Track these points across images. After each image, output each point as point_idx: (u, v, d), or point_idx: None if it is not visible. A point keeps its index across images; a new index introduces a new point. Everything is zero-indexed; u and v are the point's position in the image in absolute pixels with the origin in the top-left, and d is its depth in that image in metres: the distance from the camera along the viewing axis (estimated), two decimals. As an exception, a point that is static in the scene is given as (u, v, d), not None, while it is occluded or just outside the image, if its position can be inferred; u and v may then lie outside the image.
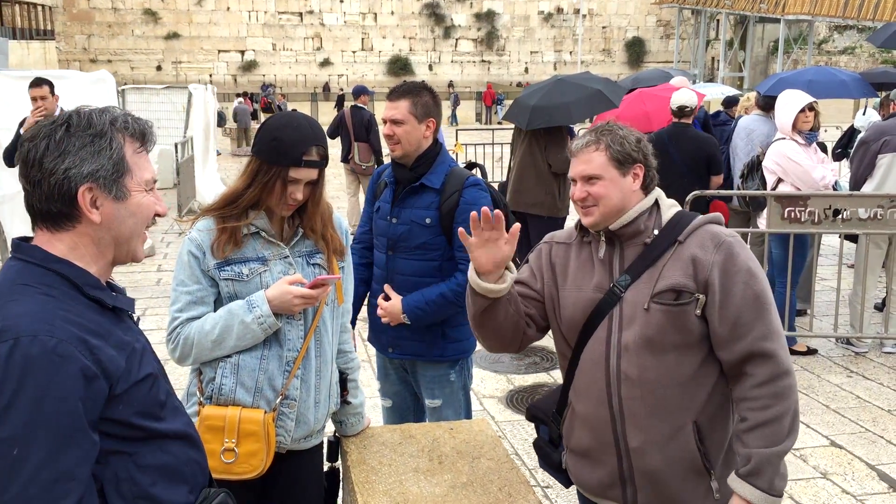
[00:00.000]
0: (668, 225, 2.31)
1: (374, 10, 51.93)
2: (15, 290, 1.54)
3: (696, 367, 2.24)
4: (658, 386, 2.23)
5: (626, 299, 2.27)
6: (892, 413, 5.24)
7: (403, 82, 3.34)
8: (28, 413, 1.43)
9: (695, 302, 2.20)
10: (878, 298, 6.99)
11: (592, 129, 2.39)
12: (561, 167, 7.18)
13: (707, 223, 2.31)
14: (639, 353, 2.23)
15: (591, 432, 2.32)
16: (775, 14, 42.60)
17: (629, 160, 2.32)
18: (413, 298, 3.25)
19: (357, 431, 2.87)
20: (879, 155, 6.14)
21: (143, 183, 1.66)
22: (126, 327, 1.67)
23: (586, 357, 2.34)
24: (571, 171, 2.39)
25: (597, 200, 2.30)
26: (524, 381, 5.85)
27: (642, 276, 2.27)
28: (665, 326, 2.21)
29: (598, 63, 51.98)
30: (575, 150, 2.38)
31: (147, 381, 1.64)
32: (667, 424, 2.24)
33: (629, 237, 2.33)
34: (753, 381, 2.18)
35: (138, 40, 49.57)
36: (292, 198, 2.47)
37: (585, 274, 2.37)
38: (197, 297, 2.50)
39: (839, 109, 20.54)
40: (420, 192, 3.25)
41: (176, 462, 1.69)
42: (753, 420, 2.16)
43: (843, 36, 47.72)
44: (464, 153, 14.32)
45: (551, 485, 4.31)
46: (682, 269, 2.22)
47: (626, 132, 2.36)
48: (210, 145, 15.33)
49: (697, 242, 2.25)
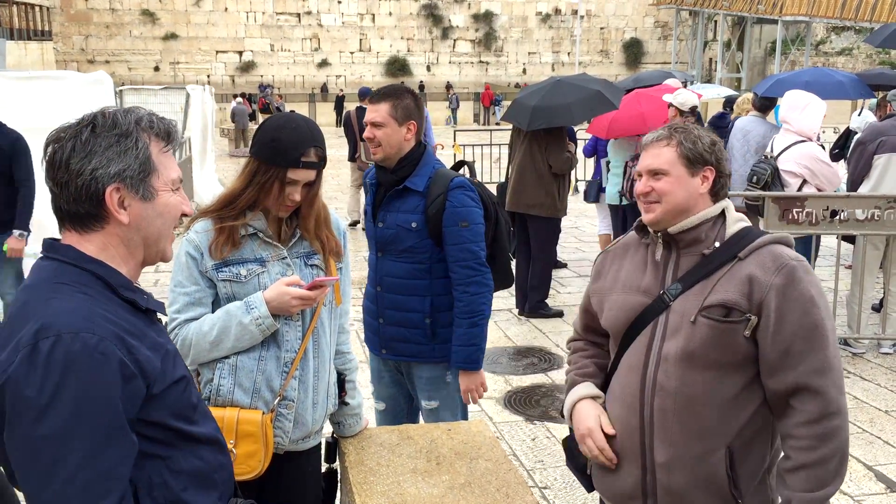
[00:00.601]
0: (732, 239, 2.21)
1: (373, 10, 51.92)
2: (53, 288, 1.54)
3: (738, 389, 2.15)
4: (694, 402, 2.14)
5: (674, 309, 2.19)
6: (889, 414, 5.25)
7: (385, 86, 3.35)
8: (69, 411, 1.42)
9: (745, 322, 2.10)
10: (876, 299, 6.99)
11: (667, 126, 2.32)
12: (561, 168, 7.19)
13: (773, 243, 2.19)
14: (678, 365, 2.15)
15: (620, 438, 2.27)
16: (773, 15, 42.62)
17: (700, 160, 2.23)
18: (459, 354, 3.27)
19: (355, 432, 2.87)
20: (875, 156, 6.15)
21: (170, 182, 1.66)
22: (158, 329, 1.68)
23: (624, 363, 2.29)
24: (639, 165, 2.30)
25: (660, 197, 2.22)
26: (522, 383, 5.85)
27: (694, 288, 2.18)
28: (709, 342, 2.12)
29: (595, 64, 52.00)
30: (645, 143, 2.30)
31: (181, 383, 1.64)
32: (698, 444, 2.15)
33: (687, 244, 2.24)
34: (800, 418, 2.08)
35: (136, 41, 49.52)
36: (290, 199, 2.47)
37: (636, 276, 2.30)
38: (195, 298, 2.50)
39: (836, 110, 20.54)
40: (404, 195, 3.25)
41: (207, 468, 1.69)
42: (797, 461, 2.07)
43: (840, 37, 47.80)
44: (462, 154, 14.33)
45: (549, 485, 4.31)
46: (737, 287, 2.12)
47: (702, 132, 2.28)
48: (208, 146, 15.32)
49: (758, 262, 2.14)
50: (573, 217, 11.55)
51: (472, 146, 15.55)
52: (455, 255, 3.20)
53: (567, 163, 7.24)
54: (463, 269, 3.20)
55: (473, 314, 3.23)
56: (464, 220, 3.18)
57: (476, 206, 3.24)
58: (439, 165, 3.33)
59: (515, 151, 7.38)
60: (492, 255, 3.39)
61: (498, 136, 15.66)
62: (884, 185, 6.11)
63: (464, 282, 3.21)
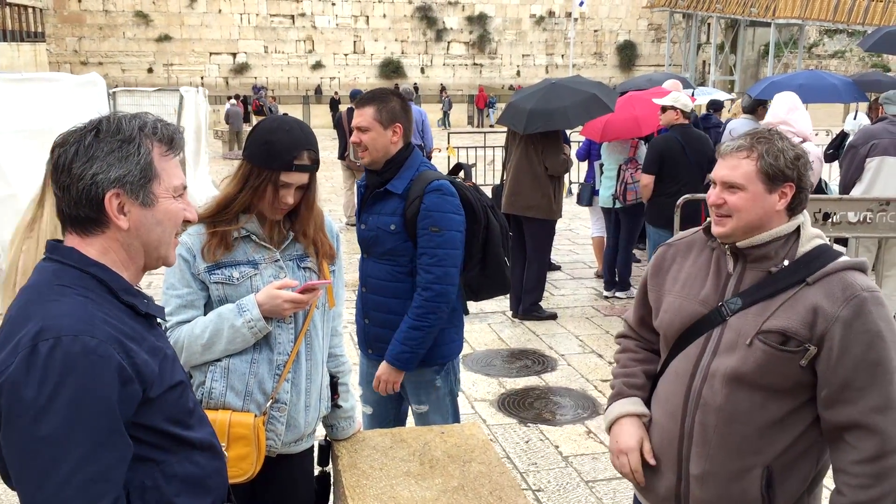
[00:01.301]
0: (802, 259, 2.10)
1: (366, 12, 51.88)
2: (54, 290, 1.55)
3: (785, 412, 2.09)
4: (736, 420, 2.09)
5: (731, 324, 2.11)
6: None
7: (371, 89, 3.35)
8: (67, 412, 1.43)
9: (803, 352, 2.02)
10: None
11: (750, 134, 2.16)
12: (557, 170, 7.20)
13: (846, 269, 2.07)
14: (725, 383, 2.09)
15: (659, 442, 2.25)
16: (766, 18, 42.76)
17: (780, 177, 2.09)
18: (392, 349, 3.25)
19: (348, 435, 2.87)
20: (867, 158, 6.16)
21: (172, 189, 1.65)
22: (158, 334, 1.68)
23: (672, 369, 2.25)
24: (714, 173, 2.18)
25: (732, 211, 2.11)
26: (515, 385, 5.85)
27: (754, 307, 2.09)
28: (763, 367, 2.05)
29: (589, 66, 52.06)
30: (724, 151, 2.16)
31: (178, 387, 1.64)
32: (734, 462, 2.10)
33: (755, 259, 2.14)
34: (856, 455, 2.01)
35: (129, 42, 49.39)
36: (283, 202, 2.47)
37: (697, 282, 2.23)
38: (187, 300, 2.50)
39: (829, 113, 20.61)
40: (385, 197, 3.25)
41: (202, 473, 1.69)
42: (851, 498, 2.01)
43: (833, 40, 47.92)
44: (456, 156, 14.33)
45: (542, 488, 4.31)
46: (800, 316, 2.03)
47: (786, 145, 2.12)
48: (201, 148, 15.30)
49: (826, 290, 2.03)
50: (567, 219, 11.56)
51: (466, 148, 15.56)
52: (422, 258, 3.19)
53: (563, 165, 7.25)
54: (425, 272, 3.19)
55: (421, 318, 3.20)
56: (435, 224, 3.15)
57: (453, 212, 3.20)
58: (425, 168, 3.30)
59: (511, 154, 7.38)
60: (483, 260, 3.37)
61: (492, 138, 15.68)
62: (876, 187, 6.13)
63: (423, 284, 3.19)
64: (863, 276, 2.09)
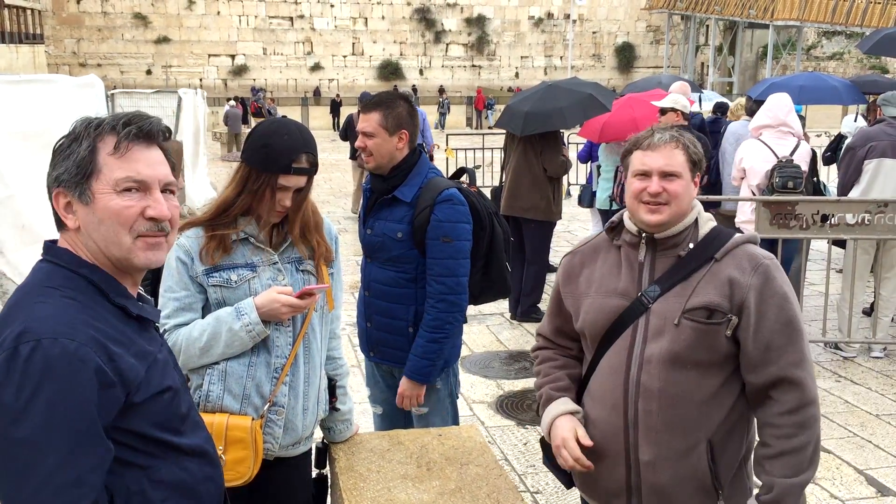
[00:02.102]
0: (705, 240, 2.26)
1: (365, 14, 51.84)
2: (41, 292, 1.55)
3: (718, 386, 2.21)
4: (677, 402, 2.19)
5: (655, 311, 2.22)
6: (879, 417, 5.27)
7: (378, 93, 3.33)
8: (44, 416, 1.43)
9: (727, 323, 2.17)
10: (867, 303, 7.02)
11: (663, 128, 2.31)
12: (557, 171, 7.22)
13: (744, 242, 2.26)
14: (662, 366, 2.19)
15: (601, 440, 2.29)
16: (764, 20, 42.78)
17: (699, 165, 2.29)
18: (412, 364, 3.24)
19: (345, 438, 2.87)
20: (865, 161, 6.17)
21: (113, 183, 1.56)
22: (150, 337, 1.66)
23: (605, 365, 2.30)
24: (644, 164, 2.26)
25: (670, 199, 2.23)
26: (514, 387, 5.85)
27: (673, 290, 2.22)
28: (693, 343, 2.17)
29: (588, 68, 52.06)
30: (656, 142, 2.26)
31: (168, 392, 1.63)
32: (681, 441, 2.20)
33: (666, 247, 2.27)
34: (780, 407, 2.16)
35: (128, 44, 49.32)
36: (281, 205, 2.47)
37: (612, 279, 2.32)
38: (185, 303, 2.49)
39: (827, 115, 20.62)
40: (393, 204, 3.23)
41: (192, 480, 1.67)
42: (777, 448, 2.15)
43: (831, 41, 47.94)
44: (455, 157, 14.33)
45: (541, 490, 4.31)
46: (718, 289, 2.18)
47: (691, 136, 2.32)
48: (200, 150, 15.30)
49: (734, 263, 2.21)
50: (566, 221, 11.55)
51: (465, 150, 15.55)
52: (433, 268, 3.19)
53: (562, 166, 7.26)
54: (437, 283, 3.19)
55: (437, 330, 3.21)
56: (447, 235, 3.15)
57: (463, 222, 3.20)
58: (433, 174, 3.29)
59: (510, 156, 7.39)
60: (486, 265, 3.37)
61: (490, 140, 15.67)
62: (874, 189, 6.14)
63: (436, 296, 3.19)
64: (759, 248, 2.29)
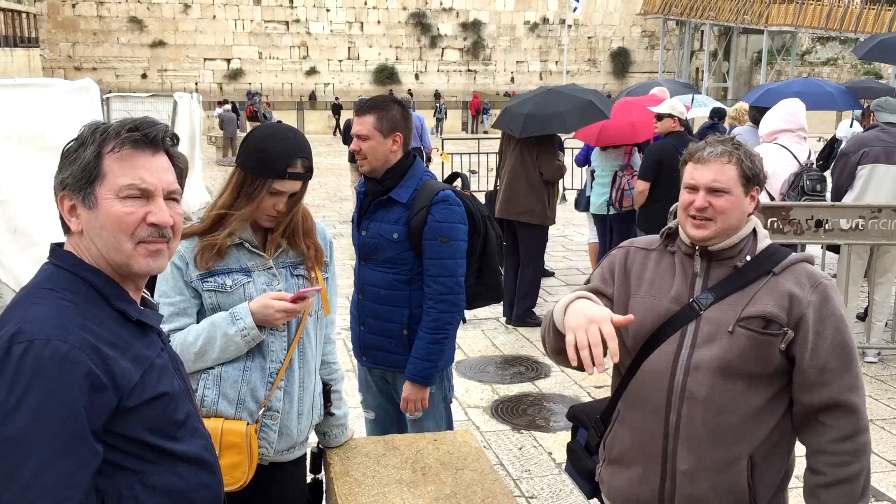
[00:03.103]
0: (763, 254, 2.23)
1: (361, 18, 51.90)
2: (39, 293, 1.56)
3: (766, 400, 2.16)
4: (723, 411, 2.14)
5: (707, 317, 2.17)
6: (874, 423, 5.27)
7: (372, 97, 3.33)
8: (32, 416, 1.43)
9: (782, 336, 2.12)
10: (860, 308, 7.04)
11: (722, 140, 2.25)
12: (552, 175, 7.22)
13: (803, 261, 2.23)
14: (711, 374, 2.14)
15: (638, 444, 2.24)
16: (759, 25, 42.96)
17: (755, 180, 2.22)
18: (413, 367, 3.24)
19: (341, 443, 2.87)
20: (859, 166, 6.19)
21: (116, 189, 1.57)
22: (149, 342, 1.65)
23: (648, 368, 2.24)
24: (693, 178, 2.22)
25: (716, 215, 2.18)
26: (509, 392, 5.85)
27: (728, 298, 2.17)
28: (747, 352, 2.12)
29: (583, 73, 52.19)
30: (706, 156, 2.21)
31: (164, 398, 1.62)
32: (723, 453, 2.15)
33: (722, 258, 2.23)
34: (834, 434, 2.11)
35: (123, 48, 49.29)
36: (276, 209, 2.47)
37: (664, 283, 2.27)
38: (179, 308, 2.49)
39: (822, 120, 20.73)
40: (388, 205, 3.24)
41: (186, 487, 1.66)
42: (832, 476, 2.10)
43: (825, 47, 48.14)
44: (450, 162, 14.34)
45: (536, 495, 4.31)
46: (777, 301, 2.14)
47: (753, 150, 2.26)
48: (195, 154, 15.27)
49: (794, 278, 2.17)
50: (561, 226, 11.57)
51: (460, 154, 15.57)
52: (431, 269, 3.19)
53: (558, 170, 7.27)
54: (436, 284, 3.19)
55: (438, 331, 3.21)
56: (444, 235, 3.16)
57: (459, 223, 3.22)
58: (428, 177, 3.30)
59: (506, 159, 7.40)
60: (480, 269, 3.38)
61: (485, 144, 15.69)
62: (867, 195, 6.15)
63: (435, 297, 3.20)
64: (818, 268, 2.26)
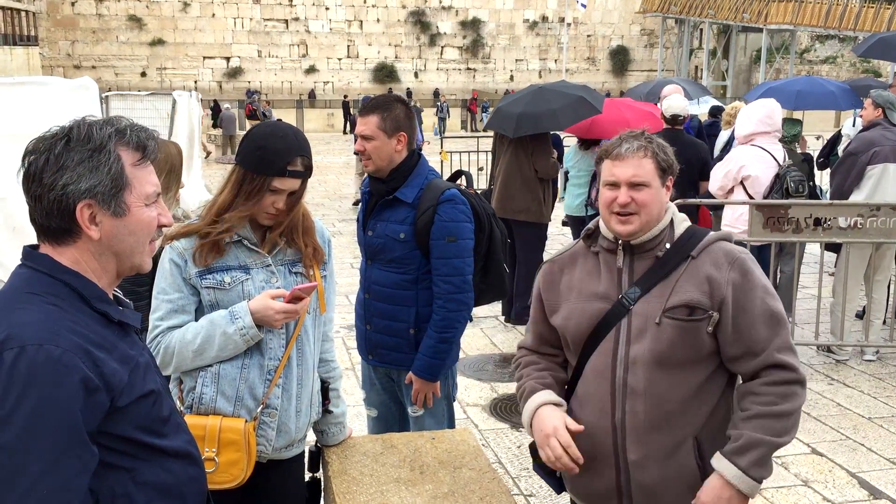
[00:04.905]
0: (681, 239, 2.27)
1: (360, 17, 51.85)
2: (23, 298, 1.54)
3: (701, 382, 2.23)
4: (663, 401, 2.20)
5: (636, 312, 2.23)
6: (872, 421, 5.28)
7: (375, 96, 3.32)
8: (29, 422, 1.42)
9: (708, 319, 2.18)
10: (859, 307, 7.04)
11: (632, 135, 2.30)
12: (548, 172, 7.22)
13: (719, 240, 2.28)
14: (647, 367, 2.20)
15: (590, 443, 2.28)
16: (758, 24, 42.94)
17: (669, 171, 2.28)
18: (421, 363, 3.26)
19: (339, 441, 2.87)
20: (869, 166, 6.11)
21: (144, 197, 1.62)
22: (131, 341, 1.66)
23: (590, 368, 2.30)
24: (613, 175, 2.26)
25: (639, 209, 2.23)
26: (508, 390, 5.84)
27: (653, 290, 2.23)
28: (676, 342, 2.18)
29: (582, 71, 52.17)
30: (624, 153, 2.25)
31: (150, 396, 1.63)
32: (668, 439, 2.21)
33: (644, 250, 2.28)
34: (765, 379, 2.18)
35: (123, 46, 49.25)
36: (274, 207, 2.47)
37: (591, 284, 2.32)
38: (178, 305, 2.49)
39: (821, 118, 20.73)
40: (394, 205, 3.24)
41: (175, 481, 1.68)
42: (755, 411, 2.15)
43: (824, 45, 48.14)
44: (449, 160, 14.33)
45: (534, 493, 4.31)
46: (697, 286, 2.19)
47: (662, 140, 2.32)
48: (194, 152, 15.26)
49: (711, 260, 2.22)
50: (560, 224, 11.55)
51: (459, 153, 15.55)
52: (439, 268, 3.20)
53: (553, 168, 7.27)
54: (445, 283, 3.20)
55: (446, 330, 3.23)
56: (451, 234, 3.17)
57: (466, 221, 3.22)
58: (433, 176, 3.30)
59: (500, 158, 7.39)
60: (485, 267, 3.39)
61: (485, 143, 15.67)
62: (876, 195, 6.09)
63: (443, 296, 3.21)
64: (733, 244, 2.30)
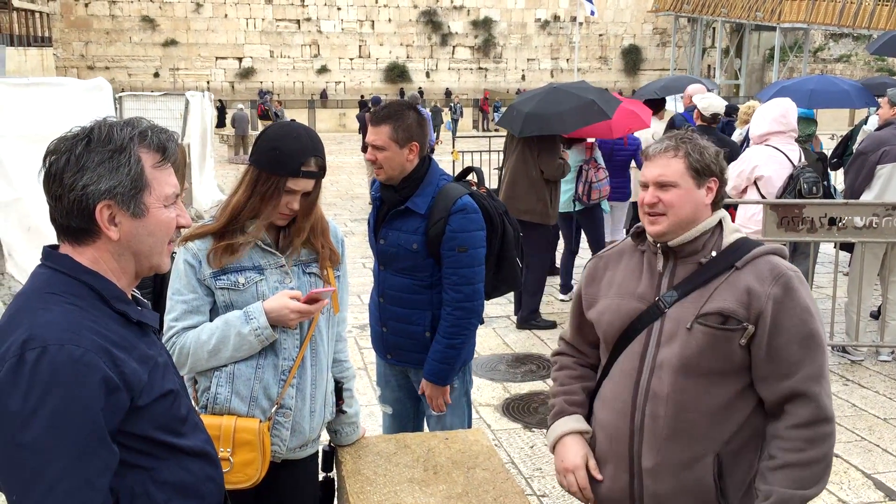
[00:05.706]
0: (729, 249, 2.22)
1: (372, 17, 51.92)
2: (43, 298, 1.55)
3: (730, 397, 2.17)
4: (686, 409, 2.15)
5: (670, 316, 2.20)
6: (888, 421, 5.24)
7: (387, 104, 3.29)
8: (51, 422, 1.44)
9: (741, 331, 2.12)
10: (874, 307, 6.99)
11: (672, 135, 2.29)
12: (553, 174, 7.16)
13: (768, 253, 2.21)
14: (674, 371, 2.16)
15: (608, 443, 2.28)
16: (771, 22, 42.74)
17: (707, 172, 2.23)
18: (431, 368, 3.27)
19: (352, 441, 2.87)
20: (878, 166, 6.10)
21: (164, 198, 1.63)
22: (150, 341, 1.67)
23: (617, 369, 2.29)
24: (644, 175, 2.27)
25: (667, 209, 2.21)
26: (520, 390, 5.84)
27: (690, 295, 2.19)
28: (706, 349, 2.13)
29: (594, 70, 52.06)
30: (652, 153, 2.27)
31: (169, 396, 1.64)
32: (686, 451, 2.16)
33: (686, 254, 2.24)
34: (791, 421, 2.11)
35: (136, 47, 49.50)
36: (288, 208, 2.47)
37: (631, 282, 2.30)
38: (193, 306, 2.50)
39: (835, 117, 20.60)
40: (406, 215, 3.23)
41: (194, 480, 1.69)
42: (783, 460, 2.09)
43: (838, 44, 47.84)
44: (461, 160, 14.32)
45: (547, 493, 4.30)
46: (735, 296, 2.14)
47: (707, 143, 2.28)
48: (207, 152, 15.34)
49: (755, 272, 2.16)
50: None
51: (471, 152, 15.55)
52: (450, 277, 3.20)
53: (559, 169, 7.21)
54: (455, 292, 3.21)
55: (455, 336, 3.23)
56: (462, 245, 3.17)
57: (477, 229, 3.21)
58: (445, 181, 3.28)
59: (508, 157, 7.36)
60: (498, 264, 3.39)
61: (496, 142, 15.65)
62: (886, 194, 6.06)
63: (453, 304, 3.21)
64: (784, 260, 2.23)
